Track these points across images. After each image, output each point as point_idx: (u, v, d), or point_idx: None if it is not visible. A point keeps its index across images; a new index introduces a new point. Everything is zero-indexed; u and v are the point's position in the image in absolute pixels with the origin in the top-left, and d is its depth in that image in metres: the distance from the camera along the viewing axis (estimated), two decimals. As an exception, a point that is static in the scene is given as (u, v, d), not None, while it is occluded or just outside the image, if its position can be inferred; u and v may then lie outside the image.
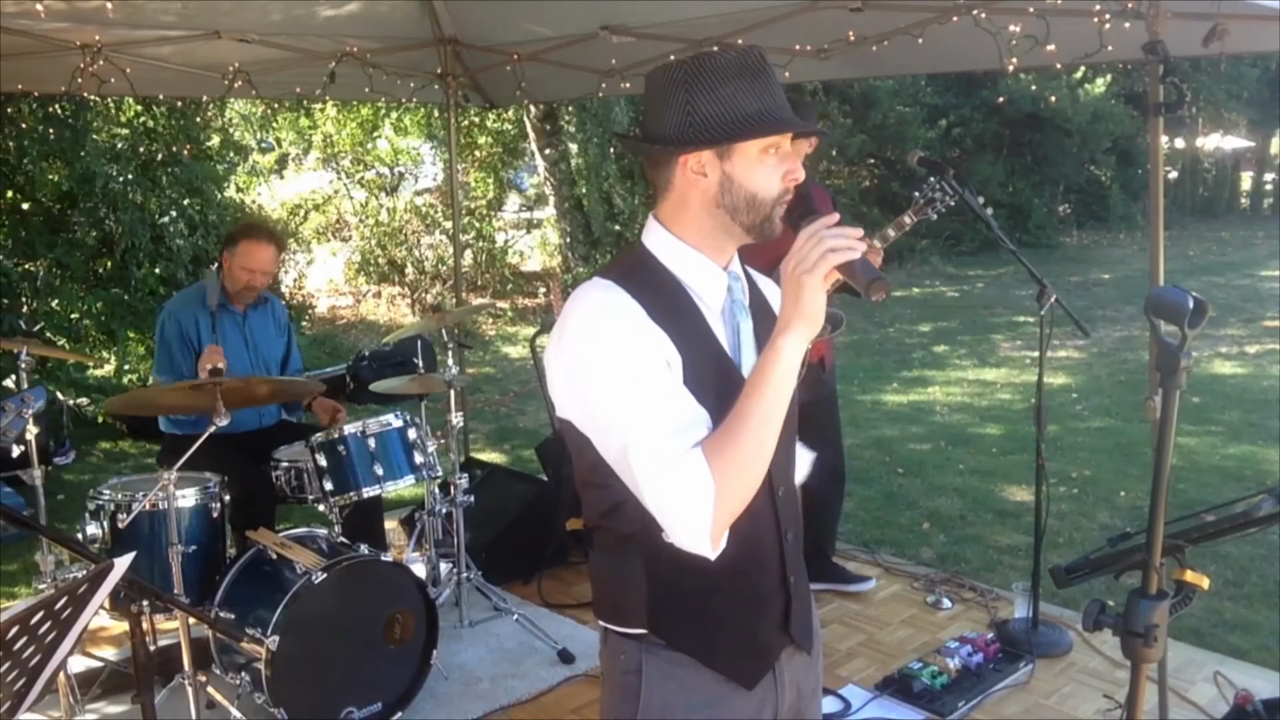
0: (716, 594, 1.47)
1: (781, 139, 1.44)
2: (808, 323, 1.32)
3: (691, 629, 1.49)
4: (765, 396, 1.34)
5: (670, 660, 1.49)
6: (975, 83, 17.44)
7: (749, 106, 1.41)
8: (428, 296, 11.89)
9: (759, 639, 1.53)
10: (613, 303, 1.41)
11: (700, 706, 1.49)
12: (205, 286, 3.89)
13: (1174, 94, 2.80)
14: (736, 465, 1.33)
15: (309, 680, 3.00)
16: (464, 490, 3.84)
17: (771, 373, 1.34)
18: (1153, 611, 1.06)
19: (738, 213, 1.45)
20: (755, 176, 1.43)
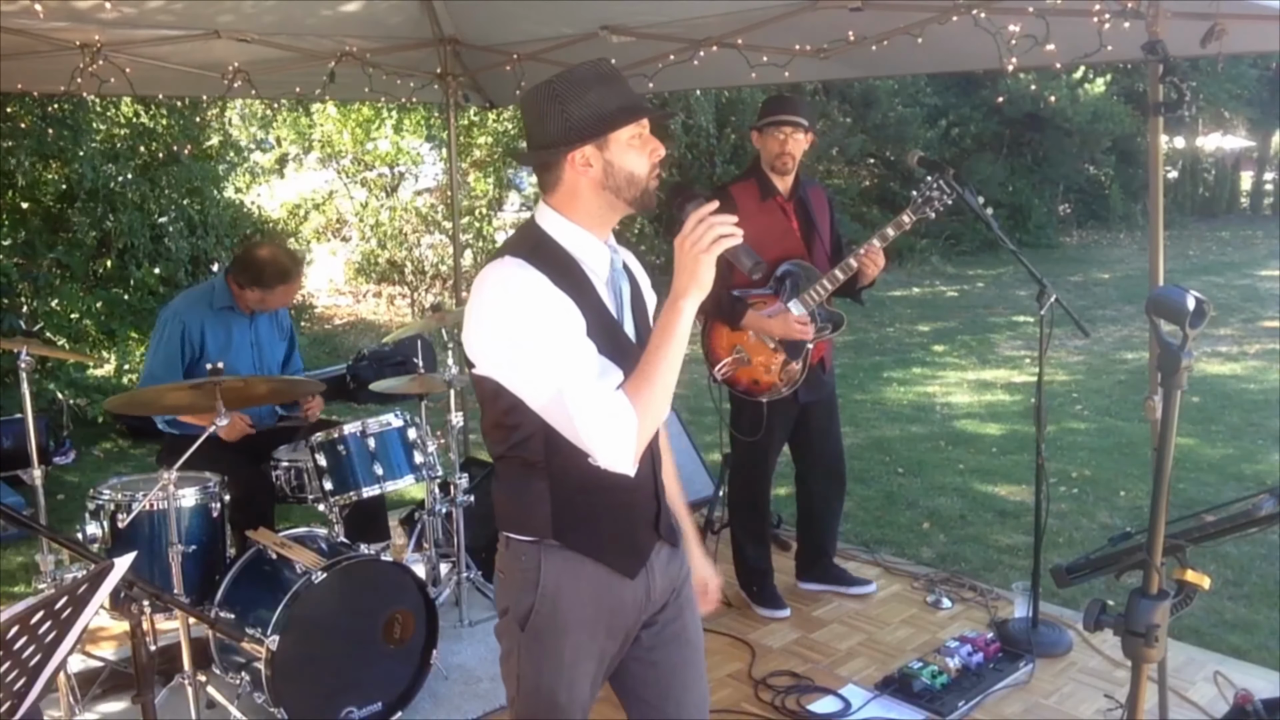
0: (605, 506, 1.84)
1: (643, 126, 1.79)
2: (703, 290, 1.69)
3: (585, 533, 1.83)
4: (671, 346, 1.69)
5: (565, 558, 1.83)
6: (975, 83, 17.44)
7: (612, 104, 1.76)
8: (428, 296, 11.89)
9: (637, 539, 1.90)
10: (528, 276, 1.72)
11: (589, 591, 1.84)
12: (213, 287, 3.90)
13: (1174, 94, 2.80)
14: (652, 402, 1.70)
15: (309, 680, 3.00)
16: (464, 490, 3.84)
17: (675, 328, 1.69)
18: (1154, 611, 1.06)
19: (621, 191, 1.79)
20: (629, 159, 1.77)
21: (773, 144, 3.76)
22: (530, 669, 1.86)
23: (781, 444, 4.01)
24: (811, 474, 4.10)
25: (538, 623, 1.83)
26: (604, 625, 1.86)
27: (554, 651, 1.84)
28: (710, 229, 1.68)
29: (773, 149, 3.77)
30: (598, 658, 1.88)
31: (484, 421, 1.87)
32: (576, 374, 1.69)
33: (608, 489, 1.79)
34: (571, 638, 1.84)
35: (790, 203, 3.89)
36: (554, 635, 1.83)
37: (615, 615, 1.87)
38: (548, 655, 1.84)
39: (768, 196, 3.85)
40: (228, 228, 9.20)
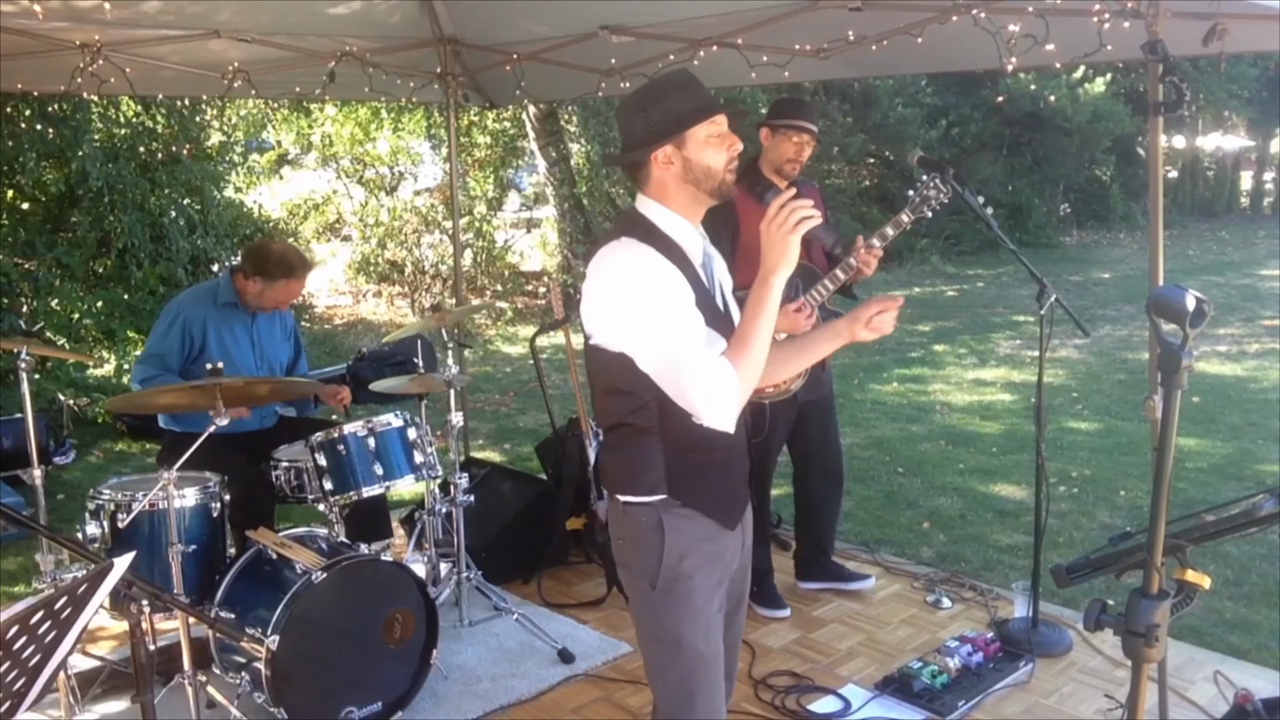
0: (712, 464, 2.04)
1: (718, 124, 1.99)
2: (790, 266, 1.89)
3: (698, 490, 2.03)
4: (765, 317, 1.90)
5: (681, 515, 2.01)
6: (975, 82, 17.44)
7: (687, 106, 1.97)
8: (428, 296, 11.88)
9: (736, 494, 2.13)
10: (645, 252, 1.94)
11: (704, 541, 2.04)
12: (219, 284, 3.91)
13: (1173, 93, 2.80)
14: (749, 366, 1.90)
15: (309, 680, 3.00)
16: (464, 490, 3.84)
17: (767, 300, 1.89)
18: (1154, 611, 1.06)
19: (700, 183, 2.00)
20: (705, 154, 1.98)
21: (788, 147, 3.76)
22: (671, 623, 2.03)
23: (782, 444, 4.01)
24: (810, 473, 4.10)
25: (668, 576, 2.01)
26: (718, 574, 2.06)
27: (687, 602, 2.02)
28: (793, 212, 1.86)
29: (787, 152, 3.76)
30: (719, 605, 2.08)
31: (596, 391, 2.09)
32: (689, 340, 1.89)
33: (714, 448, 2.00)
34: (700, 587, 2.02)
35: (789, 202, 3.91)
36: (685, 587, 2.01)
37: (724, 564, 2.09)
38: (684, 607, 2.02)
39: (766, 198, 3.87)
40: (228, 228, 9.21)
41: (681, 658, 2.03)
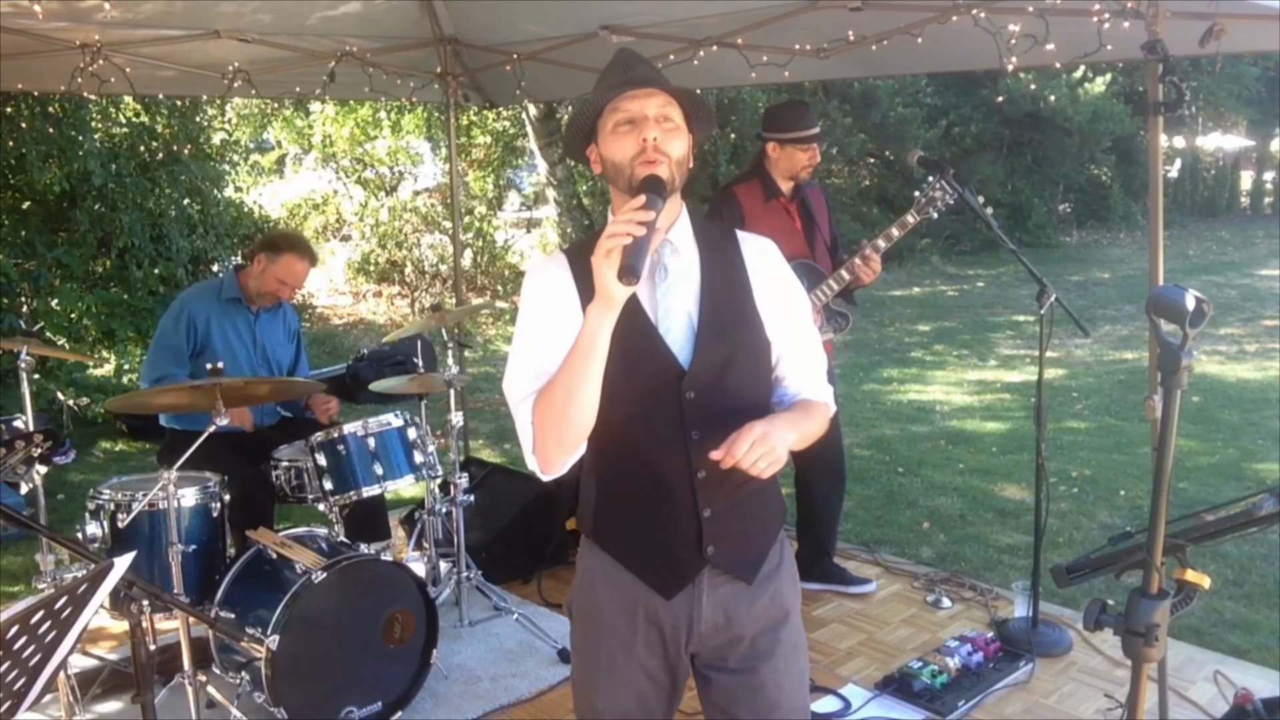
0: (632, 513, 1.79)
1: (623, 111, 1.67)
2: (600, 295, 1.56)
3: (617, 537, 1.82)
4: (574, 357, 1.60)
5: (602, 560, 1.83)
6: (975, 82, 17.43)
7: (595, 100, 1.71)
8: (427, 296, 11.88)
9: (674, 556, 1.78)
10: (543, 268, 1.78)
11: (622, 599, 1.80)
12: (223, 280, 3.92)
13: (1173, 93, 2.80)
14: (550, 411, 1.63)
15: (309, 680, 3.00)
16: (464, 490, 3.84)
17: (581, 336, 1.59)
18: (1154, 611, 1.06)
19: (616, 181, 1.72)
20: (612, 147, 1.69)
21: (801, 157, 3.88)
22: (576, 660, 1.92)
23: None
24: (811, 473, 4.10)
25: (578, 615, 1.88)
26: (641, 638, 1.80)
27: (591, 649, 1.85)
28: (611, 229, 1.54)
29: (800, 161, 3.88)
30: (641, 671, 1.81)
31: None
32: (515, 367, 1.73)
33: (640, 495, 1.77)
34: (606, 640, 1.82)
35: (793, 203, 3.92)
36: (592, 632, 1.85)
37: (653, 630, 1.80)
38: (587, 651, 1.87)
39: (771, 197, 3.87)
40: (228, 227, 9.21)
41: (580, 699, 1.90)
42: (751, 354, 1.77)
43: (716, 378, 1.72)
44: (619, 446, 1.76)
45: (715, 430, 1.65)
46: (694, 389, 1.70)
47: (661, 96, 1.67)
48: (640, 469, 1.75)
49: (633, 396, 1.69)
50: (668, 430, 1.71)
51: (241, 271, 3.93)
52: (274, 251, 3.83)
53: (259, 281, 3.85)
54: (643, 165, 1.65)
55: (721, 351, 1.72)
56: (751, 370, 1.77)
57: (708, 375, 1.71)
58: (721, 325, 1.73)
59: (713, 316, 1.73)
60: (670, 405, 1.71)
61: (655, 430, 1.72)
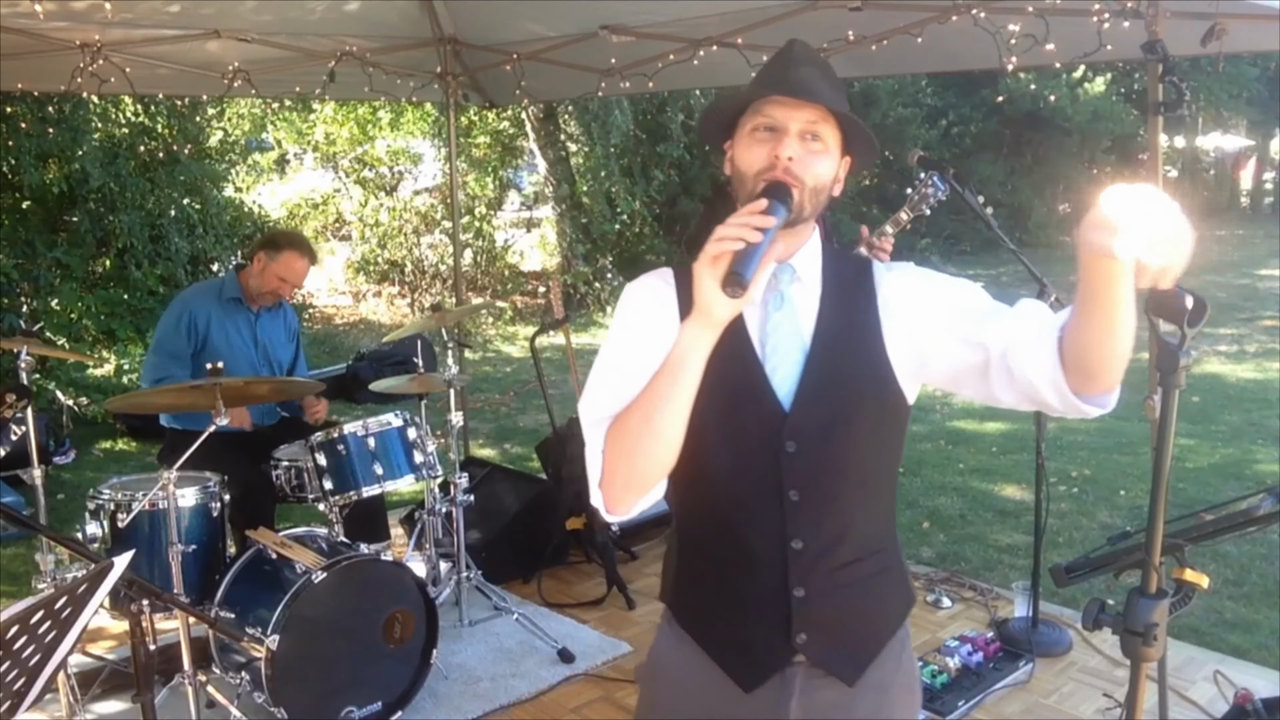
0: (712, 584, 1.52)
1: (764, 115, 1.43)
2: (701, 313, 1.31)
3: (694, 612, 1.55)
4: (660, 379, 1.34)
5: (679, 636, 1.56)
6: (975, 82, 17.43)
7: (743, 93, 1.46)
8: (427, 296, 11.88)
9: (754, 642, 1.50)
10: (645, 282, 1.54)
11: (692, 685, 1.54)
12: (224, 280, 3.93)
13: (1173, 93, 2.80)
14: (624, 441, 1.37)
15: (309, 680, 3.00)
16: (464, 490, 3.84)
17: (670, 357, 1.34)
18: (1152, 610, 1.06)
19: (739, 192, 1.47)
20: (741, 152, 1.46)
21: None
22: None
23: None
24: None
25: (644, 696, 1.66)
26: None
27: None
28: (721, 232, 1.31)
29: None
30: None
31: None
32: (592, 389, 1.47)
33: (723, 563, 1.50)
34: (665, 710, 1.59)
35: (790, 202, 3.92)
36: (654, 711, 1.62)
37: None
38: None
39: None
40: (228, 227, 9.21)
41: None
42: (873, 410, 1.49)
43: (825, 430, 1.45)
44: (704, 502, 1.50)
45: (817, 495, 1.44)
46: (796, 439, 1.44)
47: (814, 110, 1.41)
48: (724, 532, 1.49)
49: (724, 442, 1.45)
50: (761, 486, 1.45)
51: (242, 271, 3.93)
52: (274, 249, 3.83)
53: (259, 280, 3.85)
54: (763, 182, 1.42)
55: (833, 400, 1.45)
56: (872, 429, 1.49)
57: (814, 426, 1.44)
58: (837, 369, 1.46)
59: (826, 357, 1.46)
60: (766, 457, 1.44)
61: (746, 486, 1.46)
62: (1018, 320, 1.44)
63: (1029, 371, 1.40)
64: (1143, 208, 1.17)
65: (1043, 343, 1.39)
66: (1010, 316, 1.46)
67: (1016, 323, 1.44)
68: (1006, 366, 1.42)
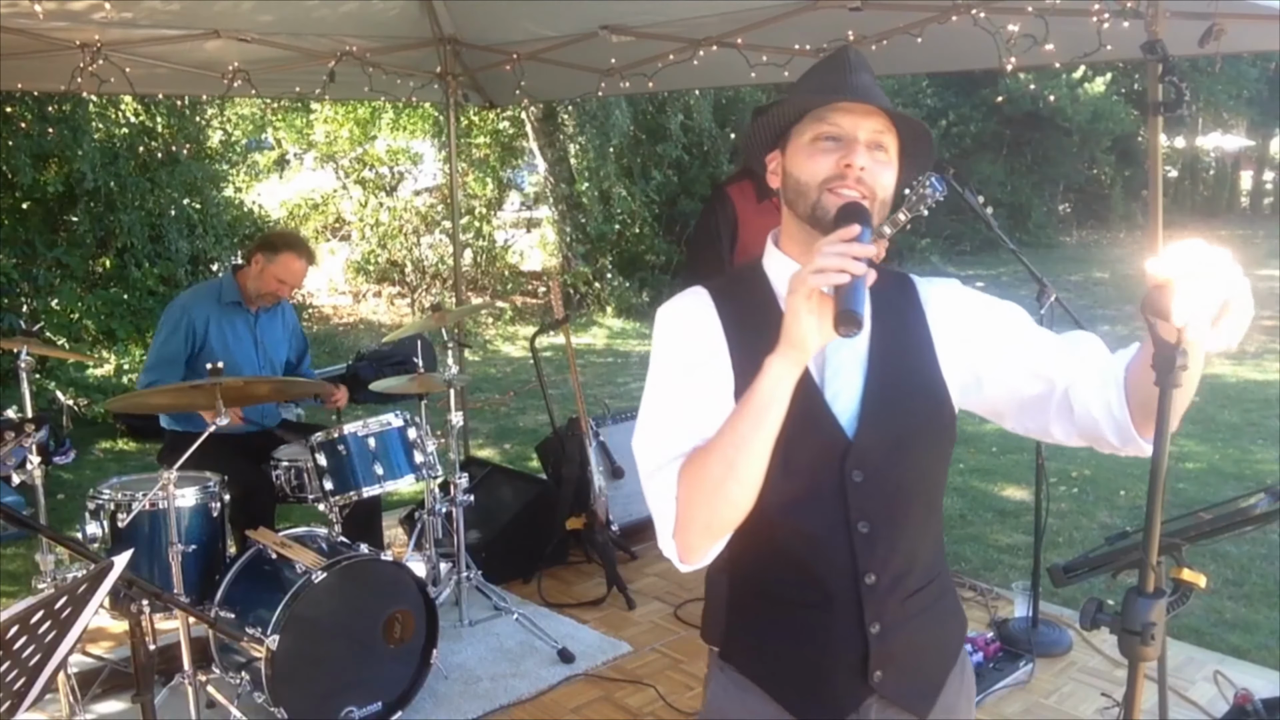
0: (779, 626, 1.43)
1: (830, 124, 1.35)
2: (790, 344, 1.24)
3: (757, 656, 1.45)
4: (742, 417, 1.26)
5: (737, 683, 1.47)
6: (975, 82, 17.43)
7: (800, 98, 1.38)
8: (428, 296, 11.89)
9: (829, 682, 1.42)
10: (686, 306, 1.45)
11: None
12: (222, 282, 3.92)
13: (1173, 93, 2.80)
14: (702, 484, 1.27)
15: (309, 680, 3.00)
16: (464, 490, 3.84)
17: (752, 394, 1.25)
18: (1150, 610, 1.06)
19: (794, 204, 1.40)
20: (801, 162, 1.38)
21: None
22: None
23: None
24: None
25: None
26: None
27: None
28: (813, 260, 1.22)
29: None
30: None
31: None
32: (650, 423, 1.36)
33: (790, 603, 1.41)
34: None
35: (787, 203, 3.92)
36: None
37: None
38: None
39: (765, 197, 3.86)
40: (227, 227, 9.21)
41: None
42: (934, 430, 1.44)
43: (890, 457, 1.39)
44: (766, 542, 1.40)
45: (887, 524, 1.38)
46: (863, 469, 1.37)
47: (881, 119, 1.37)
48: (790, 570, 1.40)
49: (786, 476, 1.34)
50: (829, 520, 1.38)
51: (240, 272, 3.92)
52: (271, 251, 3.82)
53: (258, 282, 3.85)
54: (834, 193, 1.34)
55: (897, 424, 1.40)
56: (933, 451, 1.45)
57: (879, 453, 1.38)
58: (897, 391, 1.41)
59: (886, 380, 1.41)
60: (832, 489, 1.37)
61: (813, 521, 1.38)
62: (1084, 357, 1.42)
63: (1095, 410, 1.38)
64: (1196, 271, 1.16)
65: (1108, 382, 1.37)
66: (1076, 352, 1.44)
67: (1083, 360, 1.42)
68: (1069, 403, 1.40)
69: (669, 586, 4.26)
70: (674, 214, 12.75)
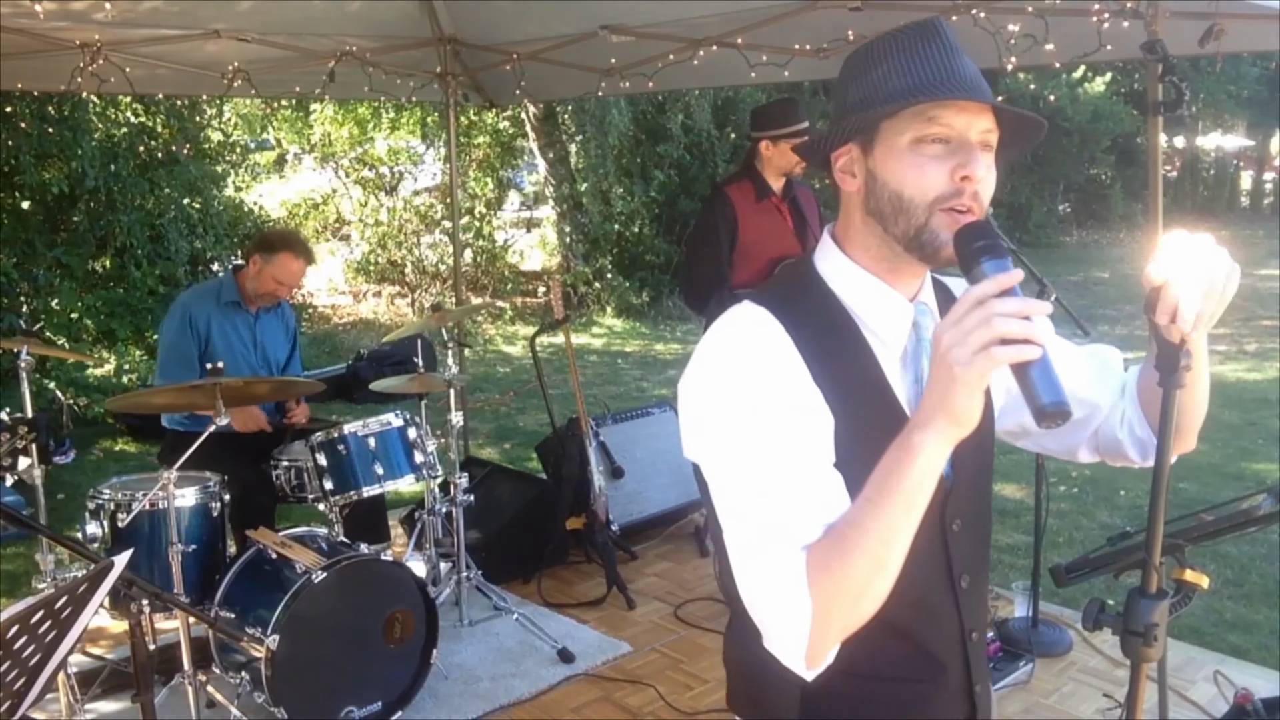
0: (881, 699, 1.22)
1: (941, 124, 1.12)
2: (955, 422, 1.00)
3: None
4: (891, 507, 1.02)
5: None
6: (975, 82, 17.43)
7: (894, 84, 1.14)
8: (427, 296, 11.89)
9: None
10: (759, 336, 1.15)
11: None
12: (222, 282, 3.93)
13: (1173, 93, 2.80)
14: (845, 588, 1.04)
15: (309, 680, 3.00)
16: (464, 489, 3.84)
17: (902, 477, 1.02)
18: (1152, 611, 1.06)
19: (887, 220, 1.15)
20: (902, 170, 1.13)
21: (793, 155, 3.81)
22: None
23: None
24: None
25: None
26: None
27: None
28: (986, 323, 0.97)
29: (794, 157, 3.82)
30: None
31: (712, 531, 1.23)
32: (752, 502, 1.09)
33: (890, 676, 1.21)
34: None
35: (784, 203, 3.93)
36: None
37: None
38: None
39: (763, 197, 3.88)
40: (227, 227, 9.21)
41: None
42: (992, 463, 1.32)
43: (975, 500, 1.27)
44: None
45: (980, 573, 1.25)
46: (961, 516, 1.23)
47: (988, 115, 1.16)
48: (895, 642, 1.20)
49: None
50: (934, 579, 1.21)
51: (239, 273, 3.93)
52: (269, 251, 3.81)
53: (256, 283, 3.84)
54: (949, 211, 1.12)
55: (975, 461, 1.25)
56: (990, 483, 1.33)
57: (969, 495, 1.25)
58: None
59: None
60: (936, 544, 1.21)
61: (919, 583, 1.16)
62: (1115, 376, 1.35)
63: (1120, 432, 1.32)
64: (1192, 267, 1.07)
65: (1131, 402, 1.32)
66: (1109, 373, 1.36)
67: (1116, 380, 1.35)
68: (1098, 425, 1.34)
69: (669, 586, 4.26)
70: (674, 214, 12.75)
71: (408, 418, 3.69)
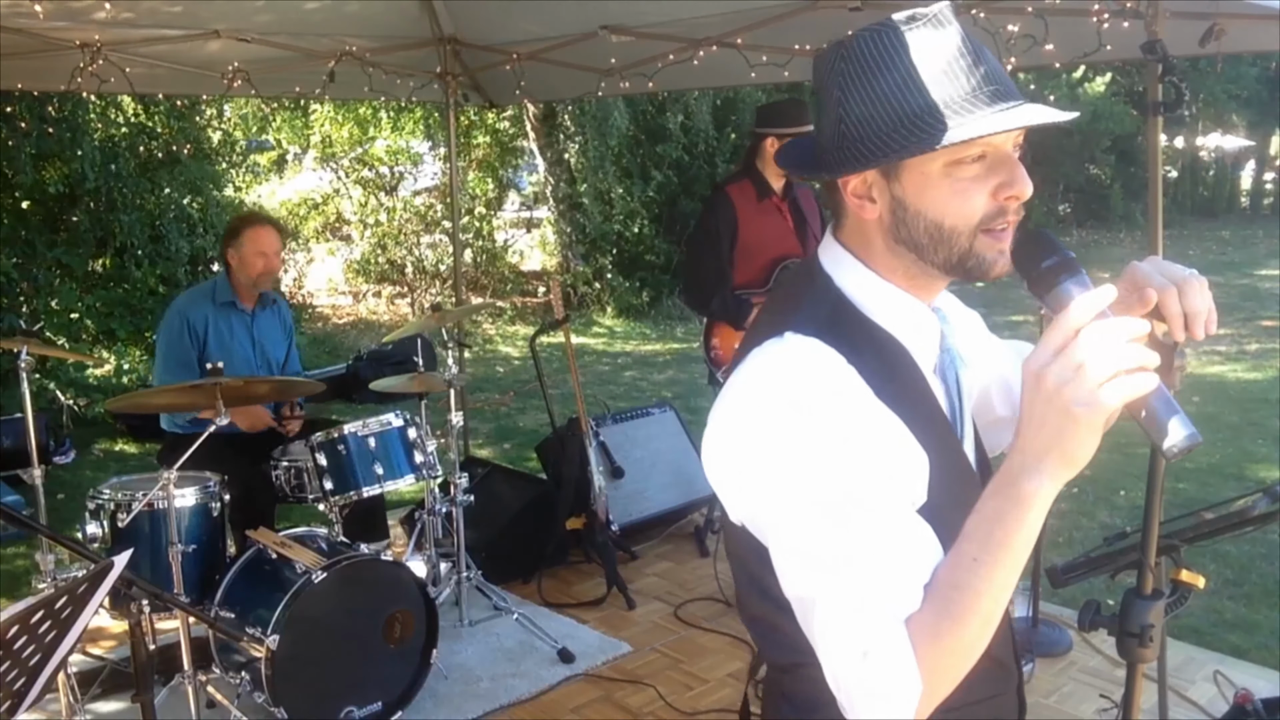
0: None
1: (985, 145, 1.01)
2: (1071, 465, 0.91)
3: None
4: (1003, 565, 0.92)
5: None
6: (975, 82, 17.42)
7: (915, 101, 0.99)
8: (427, 296, 11.89)
9: None
10: (823, 370, 1.01)
11: None
12: (216, 283, 3.93)
13: (1173, 93, 2.80)
14: (958, 655, 0.95)
15: (309, 679, 3.00)
16: (464, 490, 3.85)
17: (1013, 531, 0.93)
18: (1148, 611, 1.06)
19: (923, 250, 1.05)
20: (942, 200, 1.02)
21: None
22: None
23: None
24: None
25: None
26: None
27: None
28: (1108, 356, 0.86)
29: None
30: None
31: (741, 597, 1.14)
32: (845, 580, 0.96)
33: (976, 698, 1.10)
34: None
35: (785, 202, 3.93)
36: None
37: None
38: None
39: (764, 197, 3.88)
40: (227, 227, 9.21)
41: None
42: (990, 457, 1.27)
43: None
44: None
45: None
46: None
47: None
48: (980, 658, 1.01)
49: None
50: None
51: (230, 274, 3.93)
52: (235, 236, 3.85)
53: (244, 271, 3.85)
54: (992, 234, 1.03)
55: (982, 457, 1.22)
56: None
57: None
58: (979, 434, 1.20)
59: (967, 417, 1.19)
60: None
61: None
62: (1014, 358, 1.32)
63: None
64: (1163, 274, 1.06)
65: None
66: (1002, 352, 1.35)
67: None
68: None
69: (669, 586, 4.26)
70: (674, 214, 12.75)
71: (408, 418, 3.69)
